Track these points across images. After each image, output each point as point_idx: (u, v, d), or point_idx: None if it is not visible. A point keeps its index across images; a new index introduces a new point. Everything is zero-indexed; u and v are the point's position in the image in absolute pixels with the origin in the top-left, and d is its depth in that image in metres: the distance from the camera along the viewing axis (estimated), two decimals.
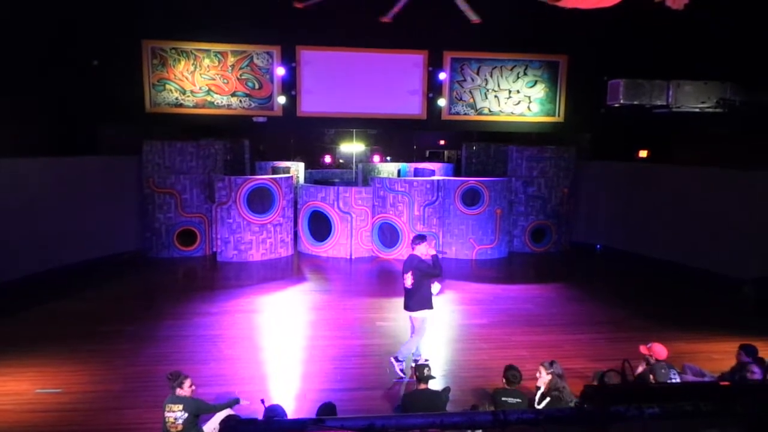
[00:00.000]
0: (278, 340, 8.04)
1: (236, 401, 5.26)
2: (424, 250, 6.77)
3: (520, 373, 5.25)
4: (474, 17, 9.10)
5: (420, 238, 6.90)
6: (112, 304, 9.45)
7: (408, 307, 6.84)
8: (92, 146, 12.40)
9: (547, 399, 5.10)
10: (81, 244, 11.30)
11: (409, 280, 6.72)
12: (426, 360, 6.63)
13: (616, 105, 10.04)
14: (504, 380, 5.23)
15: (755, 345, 5.84)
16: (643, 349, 5.83)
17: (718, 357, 7.08)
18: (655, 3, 3.64)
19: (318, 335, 8.16)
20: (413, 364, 6.06)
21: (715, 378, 5.98)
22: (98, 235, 11.70)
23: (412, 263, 6.72)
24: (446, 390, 5.72)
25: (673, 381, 5.19)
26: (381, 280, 11.76)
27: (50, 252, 10.62)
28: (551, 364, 5.38)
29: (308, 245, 13.39)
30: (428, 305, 6.79)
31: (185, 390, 4.93)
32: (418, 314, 6.79)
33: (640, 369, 5.75)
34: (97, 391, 6.25)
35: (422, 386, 5.25)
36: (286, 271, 12.17)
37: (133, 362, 7.04)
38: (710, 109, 9.95)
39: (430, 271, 6.69)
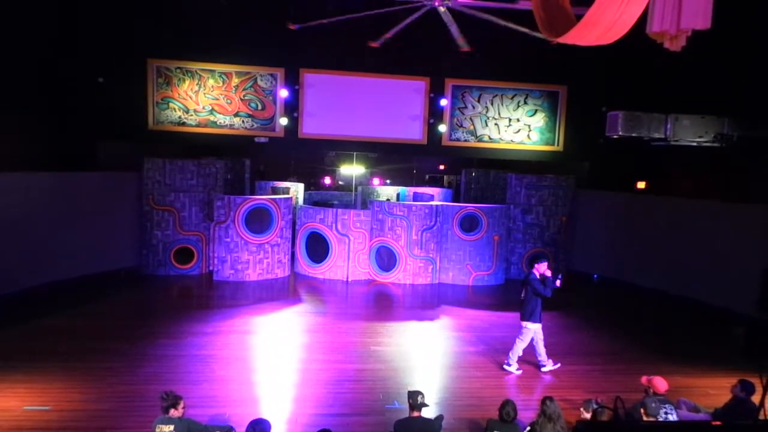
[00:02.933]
0: (272, 362, 7.97)
1: (230, 429, 5.19)
2: (542, 270, 7.64)
3: (515, 410, 5.17)
4: (465, 46, 9.28)
5: (536, 258, 7.88)
6: (106, 320, 9.38)
7: (521, 316, 7.76)
8: (93, 162, 12.45)
9: None
10: (77, 259, 11.29)
11: (522, 293, 7.73)
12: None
13: (615, 136, 10.12)
14: (499, 414, 5.17)
15: (753, 381, 5.79)
16: (644, 379, 5.82)
17: (714, 392, 7.03)
18: (654, 42, 3.71)
19: (312, 358, 8.09)
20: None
21: (709, 414, 5.93)
22: (95, 251, 11.69)
23: (527, 279, 7.73)
24: (439, 418, 5.65)
25: (669, 416, 5.15)
26: (377, 303, 11.71)
27: (46, 266, 10.59)
28: (546, 401, 5.22)
29: (305, 266, 13.36)
30: (533, 318, 7.62)
31: (179, 410, 4.88)
32: (527, 324, 7.68)
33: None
34: (87, 410, 6.18)
35: (415, 414, 5.19)
36: (282, 291, 12.11)
37: (125, 381, 6.97)
38: (708, 143, 10.04)
39: (537, 290, 7.54)
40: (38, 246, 10.40)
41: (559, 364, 7.96)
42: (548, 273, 7.63)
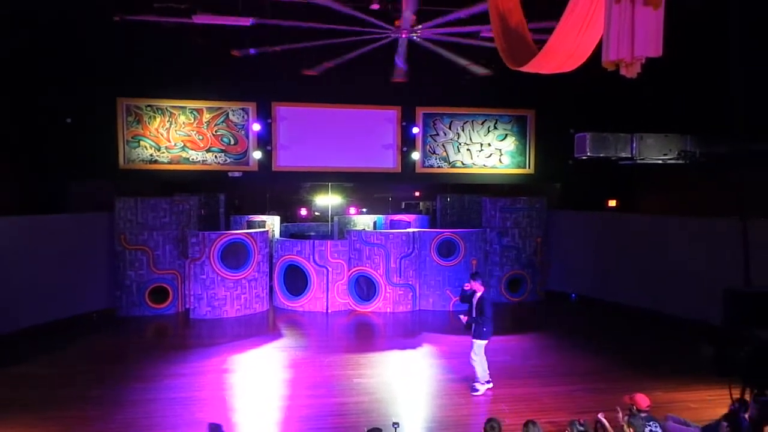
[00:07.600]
0: (252, 400, 7.79)
1: None
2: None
3: (500, 424, 5.16)
4: (483, 70, 9.56)
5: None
6: (78, 366, 9.07)
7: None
8: (63, 203, 12.21)
9: None
10: (48, 303, 10.96)
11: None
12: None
13: (584, 157, 10.36)
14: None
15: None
16: (627, 398, 5.86)
17: (695, 406, 7.10)
18: (611, 70, 3.87)
19: (294, 394, 7.94)
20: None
21: (699, 428, 5.95)
22: (66, 294, 11.37)
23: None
24: None
25: None
26: (358, 334, 11.61)
27: (15, 313, 10.24)
28: (528, 425, 5.24)
29: (284, 300, 13.20)
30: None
31: None
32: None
33: (623, 418, 5.73)
34: None
35: None
36: (261, 327, 11.92)
37: (100, 428, 6.72)
38: (672, 161, 10.34)
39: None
40: (6, 292, 10.07)
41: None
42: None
